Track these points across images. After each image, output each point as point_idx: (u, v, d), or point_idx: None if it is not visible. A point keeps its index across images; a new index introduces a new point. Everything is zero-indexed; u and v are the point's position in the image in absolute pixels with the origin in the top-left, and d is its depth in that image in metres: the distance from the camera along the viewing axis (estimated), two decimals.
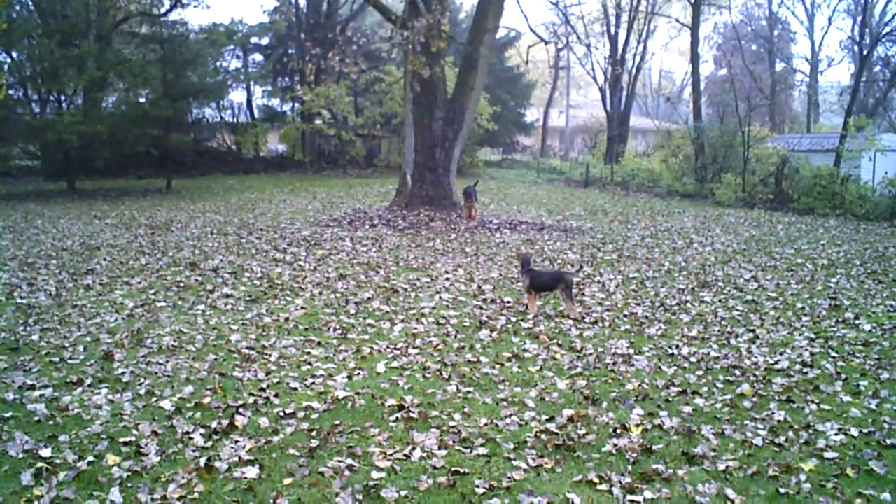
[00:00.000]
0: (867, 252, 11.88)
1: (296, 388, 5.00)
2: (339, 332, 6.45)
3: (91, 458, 3.86)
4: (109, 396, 4.81)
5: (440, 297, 7.89)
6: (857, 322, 7.15)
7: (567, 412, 4.58)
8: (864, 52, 24.69)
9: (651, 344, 6.29)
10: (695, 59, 25.83)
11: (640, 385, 5.15)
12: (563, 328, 6.75)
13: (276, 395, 4.86)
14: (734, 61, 37.84)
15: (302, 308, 7.30)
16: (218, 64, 29.96)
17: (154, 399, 4.78)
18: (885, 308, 7.79)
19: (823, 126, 37.55)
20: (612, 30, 35.68)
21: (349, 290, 8.16)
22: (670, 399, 4.92)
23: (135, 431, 4.22)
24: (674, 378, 5.35)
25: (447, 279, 8.97)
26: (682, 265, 10.39)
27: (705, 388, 5.16)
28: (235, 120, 34.97)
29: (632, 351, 6.04)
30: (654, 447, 4.11)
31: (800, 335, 6.68)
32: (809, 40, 43.12)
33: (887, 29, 26.06)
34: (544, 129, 46.43)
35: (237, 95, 36.26)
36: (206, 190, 23.46)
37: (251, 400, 4.75)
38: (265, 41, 35.71)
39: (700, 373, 5.50)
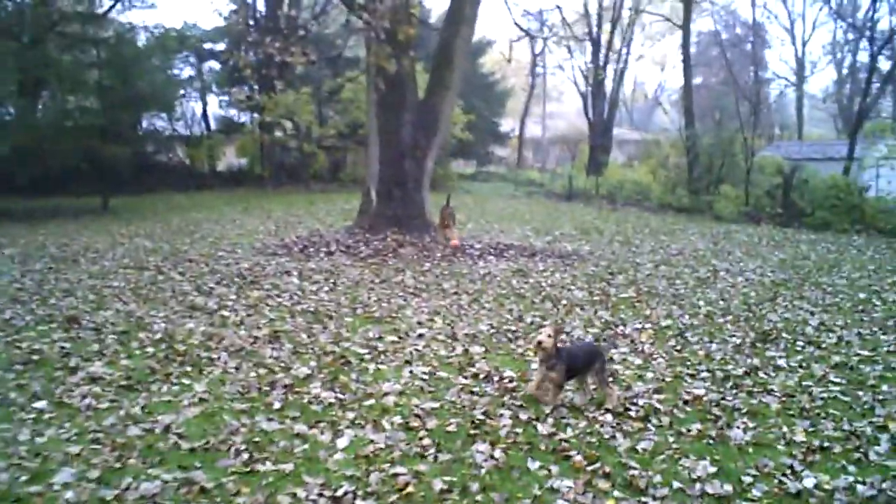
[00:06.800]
0: None
1: None
2: (246, 456, 3.95)
3: None
4: None
5: (411, 372, 5.45)
6: None
7: None
8: (876, 48, 22.79)
9: (749, 462, 3.93)
10: (686, 58, 23.77)
11: None
12: (601, 432, 4.35)
13: None
14: (716, 69, 36.21)
15: (200, 401, 4.79)
16: (169, 72, 27.32)
17: None
18: None
19: (813, 134, 35.99)
20: (595, 31, 33.67)
21: (280, 362, 5.68)
22: None
23: None
24: None
25: (420, 335, 6.56)
26: (720, 305, 8.10)
27: None
28: (189, 132, 32.23)
29: (728, 486, 3.65)
30: None
31: None
32: (792, 45, 41.55)
33: None
34: (521, 139, 44.28)
35: (192, 106, 33.56)
36: (149, 209, 20.77)
37: None
38: (221, 47, 33.16)
39: None
